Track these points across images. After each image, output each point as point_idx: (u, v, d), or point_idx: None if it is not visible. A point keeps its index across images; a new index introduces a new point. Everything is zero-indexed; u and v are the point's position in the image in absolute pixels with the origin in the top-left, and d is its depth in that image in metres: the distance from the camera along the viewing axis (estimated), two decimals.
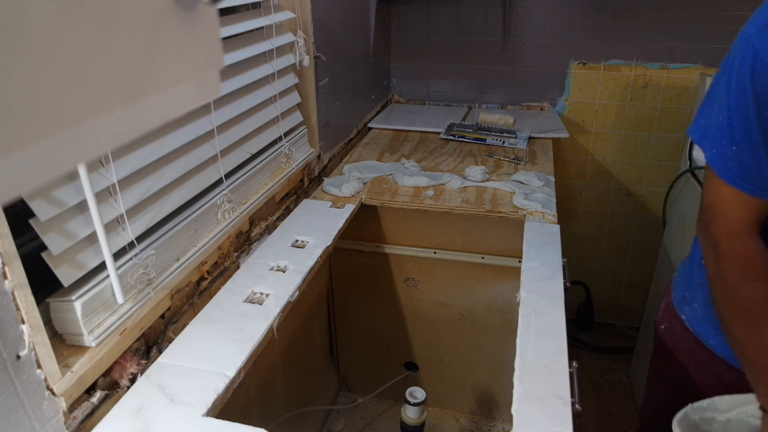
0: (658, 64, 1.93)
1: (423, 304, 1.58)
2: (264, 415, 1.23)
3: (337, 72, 1.57)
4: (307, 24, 1.32)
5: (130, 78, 0.31)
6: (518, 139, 1.78)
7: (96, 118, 0.29)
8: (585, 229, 2.24)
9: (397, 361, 1.70)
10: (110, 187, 0.76)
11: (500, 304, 1.50)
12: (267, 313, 0.93)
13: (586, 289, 2.28)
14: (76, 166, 0.51)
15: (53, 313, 0.73)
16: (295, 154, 1.34)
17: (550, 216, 1.28)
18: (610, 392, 2.01)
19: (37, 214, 0.65)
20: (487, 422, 1.69)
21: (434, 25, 2.07)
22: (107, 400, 0.77)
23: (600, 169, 2.13)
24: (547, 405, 0.76)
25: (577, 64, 1.99)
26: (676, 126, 1.99)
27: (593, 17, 1.92)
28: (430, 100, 2.20)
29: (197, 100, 0.38)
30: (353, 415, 1.73)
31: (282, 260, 1.09)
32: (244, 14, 1.10)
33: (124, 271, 0.79)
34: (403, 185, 1.46)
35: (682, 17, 1.85)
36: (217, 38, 0.38)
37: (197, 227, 0.98)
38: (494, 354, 1.58)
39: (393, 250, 1.52)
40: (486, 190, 1.43)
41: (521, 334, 0.90)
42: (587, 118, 2.06)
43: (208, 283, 1.03)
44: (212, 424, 0.72)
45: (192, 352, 0.84)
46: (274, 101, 1.23)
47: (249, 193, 1.16)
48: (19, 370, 0.62)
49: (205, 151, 0.99)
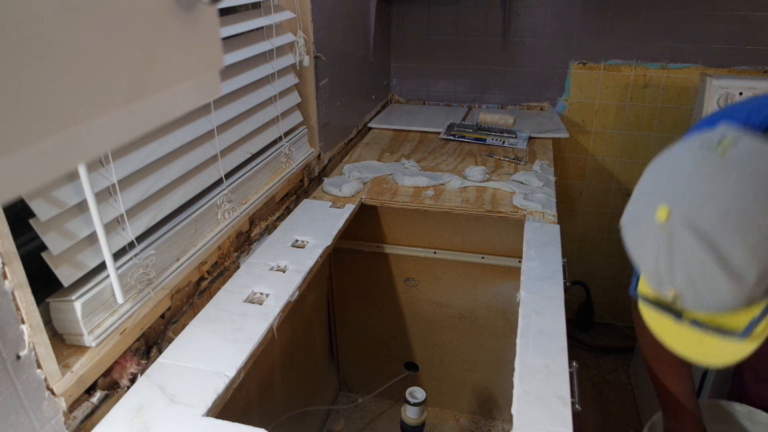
0: (658, 64, 1.93)
1: (423, 304, 1.58)
2: (264, 415, 1.23)
3: (337, 72, 1.57)
4: (307, 24, 1.32)
5: (130, 78, 0.31)
6: (518, 139, 1.78)
7: (96, 118, 0.29)
8: (585, 229, 2.24)
9: (397, 361, 1.70)
10: (110, 187, 0.76)
11: (500, 304, 1.50)
12: (267, 313, 0.93)
13: (586, 289, 2.28)
14: (76, 166, 0.51)
15: (53, 313, 0.73)
16: (295, 154, 1.34)
17: (550, 216, 1.28)
18: (610, 392, 2.01)
19: (37, 214, 0.65)
20: (487, 422, 1.69)
21: (434, 25, 2.07)
22: (107, 400, 0.77)
23: (600, 169, 2.13)
24: (547, 405, 0.76)
25: (577, 64, 1.99)
26: (676, 126, 1.99)
27: (593, 17, 1.92)
28: (430, 100, 2.20)
29: (197, 100, 0.38)
30: (353, 415, 1.73)
31: (282, 260, 1.09)
32: (244, 14, 1.10)
33: (124, 271, 0.79)
34: (403, 185, 1.46)
35: (682, 17, 1.85)
36: (217, 38, 0.38)
37: (197, 227, 0.98)
38: (494, 354, 1.58)
39: (393, 250, 1.52)
40: (486, 190, 1.43)
41: (521, 334, 0.90)
42: (587, 118, 2.06)
43: (208, 283, 1.03)
44: (212, 424, 0.72)
45: (192, 352, 0.84)
46: (274, 101, 1.23)
47: (249, 193, 1.16)
48: (19, 370, 0.62)
49: (205, 151, 0.99)
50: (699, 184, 0.59)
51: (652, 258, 0.62)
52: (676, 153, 0.65)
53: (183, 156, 0.93)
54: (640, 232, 0.64)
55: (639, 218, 0.64)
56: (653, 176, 0.65)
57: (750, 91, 1.66)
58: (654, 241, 0.61)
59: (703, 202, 0.58)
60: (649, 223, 0.61)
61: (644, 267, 0.65)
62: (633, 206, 0.67)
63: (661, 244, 0.61)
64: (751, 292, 0.58)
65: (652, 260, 0.63)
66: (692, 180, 0.60)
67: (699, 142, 0.63)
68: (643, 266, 0.65)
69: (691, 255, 0.58)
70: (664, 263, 0.61)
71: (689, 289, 0.60)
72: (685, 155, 0.63)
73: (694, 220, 0.58)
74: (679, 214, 0.59)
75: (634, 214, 0.66)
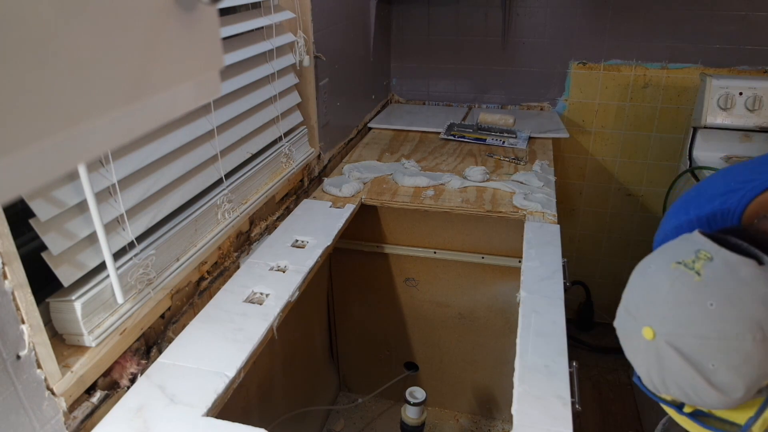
0: (658, 64, 1.93)
1: (423, 304, 1.58)
2: (264, 415, 1.23)
3: (337, 72, 1.57)
4: (307, 24, 1.32)
5: (130, 78, 0.31)
6: (518, 139, 1.78)
7: (96, 118, 0.29)
8: (585, 229, 2.24)
9: (397, 361, 1.70)
10: (110, 187, 0.76)
11: (500, 304, 1.50)
12: (267, 313, 0.93)
13: (586, 289, 2.28)
14: (76, 166, 0.51)
15: (53, 313, 0.73)
16: (295, 154, 1.34)
17: (550, 216, 1.28)
18: (610, 392, 2.01)
19: (37, 214, 0.65)
20: (487, 422, 1.69)
21: (434, 25, 2.07)
22: (107, 400, 0.77)
23: (600, 169, 2.13)
24: (547, 405, 0.76)
25: (577, 64, 1.99)
26: (676, 126, 1.99)
27: (593, 17, 1.92)
28: (430, 100, 2.20)
29: (197, 100, 0.38)
30: (353, 415, 1.73)
31: (282, 260, 1.09)
32: (244, 14, 1.10)
33: (124, 271, 0.79)
34: (403, 185, 1.46)
35: (682, 17, 1.85)
36: (217, 38, 0.38)
37: (197, 227, 0.98)
38: (494, 354, 1.58)
39: (393, 250, 1.52)
40: (486, 190, 1.43)
41: (521, 334, 0.90)
42: (587, 118, 2.06)
43: (208, 283, 1.03)
44: (212, 424, 0.72)
45: (192, 352, 0.84)
46: (274, 101, 1.23)
47: (249, 193, 1.16)
48: (19, 370, 0.62)
49: (205, 151, 0.99)
50: (677, 309, 0.61)
51: (646, 370, 0.66)
52: (655, 268, 0.66)
53: (183, 156, 0.93)
54: (631, 345, 0.67)
55: (629, 333, 0.67)
56: (637, 290, 0.68)
57: (750, 91, 1.66)
58: (644, 357, 0.65)
59: (683, 329, 0.60)
60: (639, 339, 0.64)
61: (640, 374, 0.68)
62: (623, 317, 0.69)
63: (651, 359, 0.64)
64: (741, 400, 0.61)
65: (645, 372, 0.66)
66: (670, 304, 0.62)
67: (674, 254, 0.65)
68: (639, 373, 0.68)
69: (679, 372, 0.61)
70: (657, 375, 0.64)
71: (683, 397, 0.64)
72: (662, 272, 0.64)
73: (677, 343, 0.61)
74: (663, 337, 0.61)
75: (623, 328, 0.68)
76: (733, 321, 0.58)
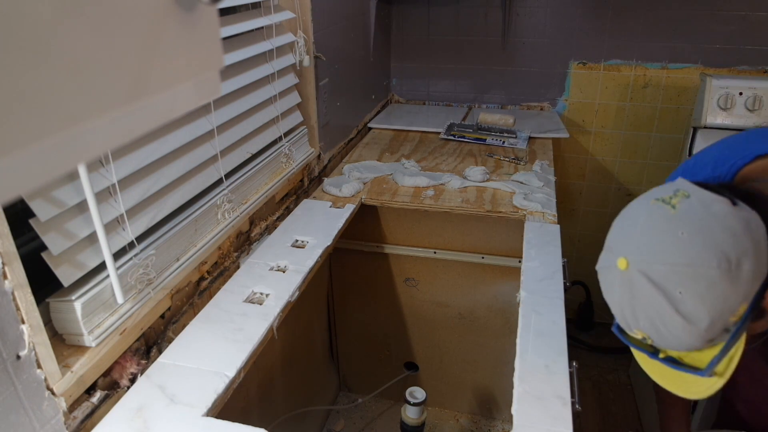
0: (658, 64, 1.93)
1: (423, 304, 1.58)
2: (264, 415, 1.23)
3: (337, 72, 1.57)
4: (307, 24, 1.32)
5: (130, 78, 0.31)
6: (518, 139, 1.78)
7: (96, 118, 0.29)
8: (585, 229, 2.24)
9: (397, 361, 1.70)
10: (110, 187, 0.76)
11: (500, 304, 1.50)
12: (267, 313, 0.93)
13: (586, 289, 2.28)
14: (76, 166, 0.51)
15: (53, 313, 0.73)
16: (295, 154, 1.34)
17: (550, 216, 1.28)
18: (610, 392, 2.01)
19: (37, 214, 0.65)
20: (487, 422, 1.69)
21: (434, 25, 2.07)
22: (107, 400, 0.77)
23: (600, 169, 2.13)
24: (547, 405, 0.76)
25: (577, 64, 1.99)
26: (676, 126, 1.99)
27: (593, 17, 1.92)
28: (430, 100, 2.20)
29: (197, 100, 0.38)
30: (353, 415, 1.73)
31: (282, 260, 1.09)
32: (244, 14, 1.10)
33: (124, 271, 0.79)
34: (403, 185, 1.46)
35: (682, 17, 1.85)
36: (217, 38, 0.38)
37: (197, 227, 0.98)
38: (494, 354, 1.58)
39: (393, 250, 1.52)
40: (486, 190, 1.43)
41: (521, 334, 0.90)
42: (587, 118, 2.06)
43: (208, 283, 1.03)
44: (212, 424, 0.72)
45: (192, 352, 0.84)
46: (274, 101, 1.23)
47: (249, 193, 1.16)
48: (19, 370, 0.62)
49: (205, 151, 0.99)
50: (651, 237, 0.64)
51: (618, 303, 0.68)
52: (635, 205, 0.71)
53: (183, 156, 0.93)
54: (607, 280, 0.70)
55: (606, 267, 0.70)
56: (617, 227, 0.71)
57: (750, 91, 1.66)
58: (618, 288, 0.67)
59: (654, 256, 0.63)
60: (614, 271, 0.67)
61: (614, 310, 0.71)
62: (603, 255, 0.72)
63: (624, 290, 0.66)
64: (707, 333, 0.62)
65: (618, 305, 0.69)
66: (645, 234, 0.65)
67: (655, 193, 0.68)
68: (613, 310, 0.71)
69: (648, 301, 0.64)
70: (628, 308, 0.67)
71: (652, 330, 0.65)
72: (642, 207, 0.68)
73: (648, 271, 0.63)
74: (636, 265, 0.64)
75: (602, 263, 0.71)
76: (700, 248, 0.61)
